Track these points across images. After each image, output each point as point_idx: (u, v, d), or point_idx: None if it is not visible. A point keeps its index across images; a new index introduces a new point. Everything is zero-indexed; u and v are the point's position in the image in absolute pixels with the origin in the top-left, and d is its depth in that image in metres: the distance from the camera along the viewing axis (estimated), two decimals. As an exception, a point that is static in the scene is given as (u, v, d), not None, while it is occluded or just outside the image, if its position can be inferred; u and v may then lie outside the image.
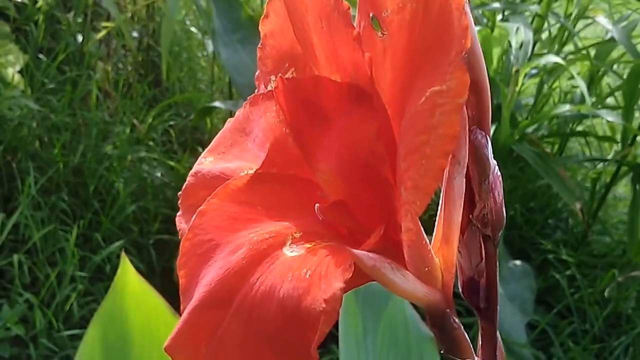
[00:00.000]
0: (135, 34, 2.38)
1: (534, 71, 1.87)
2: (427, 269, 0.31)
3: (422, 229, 0.30)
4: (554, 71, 1.89)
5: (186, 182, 0.36)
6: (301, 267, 0.26)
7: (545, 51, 1.94)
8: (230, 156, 0.35)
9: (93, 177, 1.73)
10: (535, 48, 1.88)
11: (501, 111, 1.66)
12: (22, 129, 1.73)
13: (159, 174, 1.84)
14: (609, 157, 1.85)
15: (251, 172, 0.32)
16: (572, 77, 1.89)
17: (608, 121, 1.83)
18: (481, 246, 0.33)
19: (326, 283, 0.25)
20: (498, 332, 0.36)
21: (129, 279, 0.78)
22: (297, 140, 0.31)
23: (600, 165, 1.90)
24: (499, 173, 0.32)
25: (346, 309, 0.83)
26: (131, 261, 1.69)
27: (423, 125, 0.25)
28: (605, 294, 1.61)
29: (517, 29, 1.71)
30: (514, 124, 1.76)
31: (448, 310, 0.32)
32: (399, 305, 0.79)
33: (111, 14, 2.28)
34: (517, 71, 1.67)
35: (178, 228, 0.36)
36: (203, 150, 0.38)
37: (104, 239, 1.65)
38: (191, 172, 0.36)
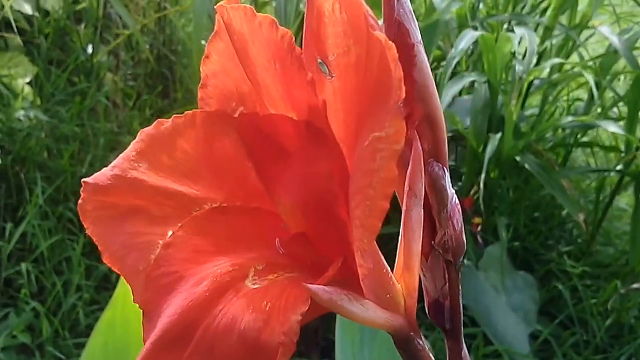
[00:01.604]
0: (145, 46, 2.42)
1: (538, 82, 1.88)
2: (388, 295, 0.32)
3: (381, 257, 0.31)
4: (558, 83, 1.90)
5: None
6: (262, 300, 0.28)
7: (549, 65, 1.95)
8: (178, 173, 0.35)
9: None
10: (541, 60, 1.89)
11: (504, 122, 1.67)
12: (30, 139, 1.76)
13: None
14: (615, 167, 1.85)
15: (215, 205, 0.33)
16: (576, 89, 1.90)
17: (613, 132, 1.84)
18: (444, 270, 0.34)
19: (284, 316, 0.26)
20: (465, 350, 0.36)
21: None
22: (259, 175, 0.32)
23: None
24: (457, 202, 0.34)
25: (344, 320, 0.83)
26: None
27: (366, 168, 0.27)
28: (609, 305, 1.61)
29: (522, 38, 1.72)
30: (519, 135, 1.77)
31: (412, 334, 0.33)
32: None
33: (120, 27, 2.32)
34: (521, 79, 1.68)
35: None
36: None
37: None
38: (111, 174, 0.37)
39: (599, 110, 1.92)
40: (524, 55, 1.69)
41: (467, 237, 1.27)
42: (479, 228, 1.79)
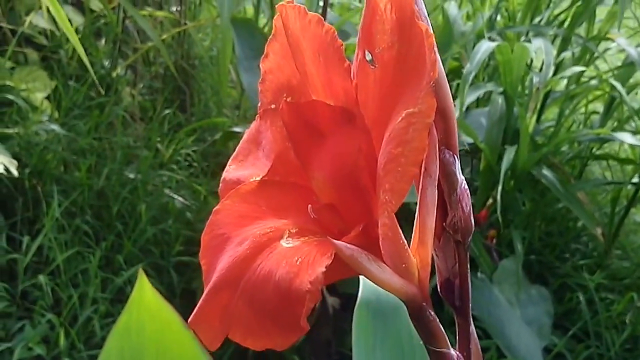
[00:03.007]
0: (160, 58, 2.44)
1: (554, 95, 1.87)
2: (404, 265, 0.36)
3: (401, 232, 0.35)
4: (575, 96, 1.89)
5: (219, 188, 0.43)
6: (294, 256, 0.32)
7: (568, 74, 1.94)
8: (247, 164, 0.42)
9: (116, 200, 1.77)
10: (558, 72, 1.88)
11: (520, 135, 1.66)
12: (48, 152, 1.78)
13: (180, 198, 1.87)
14: (631, 179, 1.84)
15: (258, 179, 0.39)
16: (592, 101, 1.89)
17: (631, 145, 1.82)
18: (454, 251, 0.38)
19: (312, 268, 0.31)
20: (473, 327, 0.40)
21: (146, 294, 0.80)
22: (297, 153, 0.37)
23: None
24: (466, 187, 0.37)
25: (360, 324, 0.85)
26: (151, 283, 1.72)
27: (399, 140, 0.31)
28: (627, 319, 1.60)
29: (538, 49, 1.72)
30: (535, 148, 1.76)
31: (424, 304, 0.37)
32: (406, 322, 0.80)
33: (138, 41, 2.35)
34: (538, 90, 1.67)
35: None
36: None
37: (126, 261, 1.68)
38: (221, 178, 0.43)
39: (615, 123, 1.91)
40: (541, 68, 1.69)
41: (480, 250, 1.27)
42: (494, 241, 1.79)
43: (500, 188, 1.55)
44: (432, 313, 0.37)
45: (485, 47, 1.58)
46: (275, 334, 0.32)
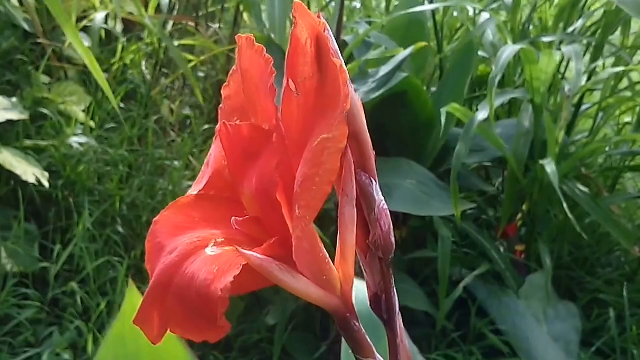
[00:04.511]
0: (200, 74, 2.50)
1: (585, 107, 1.83)
2: (325, 277, 0.38)
3: (321, 246, 0.38)
4: (607, 107, 1.85)
5: None
6: (213, 264, 0.36)
7: (601, 86, 1.90)
8: (198, 183, 0.45)
9: (146, 210, 1.81)
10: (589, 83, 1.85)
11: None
12: (80, 164, 1.83)
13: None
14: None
15: (196, 193, 0.43)
16: (625, 112, 1.84)
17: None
18: (380, 267, 0.40)
19: (224, 277, 0.34)
20: (405, 339, 0.42)
21: (137, 301, 0.82)
22: (230, 170, 0.41)
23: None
24: (385, 207, 0.40)
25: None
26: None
27: (315, 161, 0.35)
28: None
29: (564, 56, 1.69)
30: (565, 159, 1.72)
31: (348, 315, 0.39)
32: None
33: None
34: (568, 98, 1.64)
35: None
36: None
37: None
38: None
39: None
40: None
41: (507, 265, 1.25)
42: (523, 255, 1.75)
43: (526, 202, 1.53)
44: (358, 324, 0.39)
45: (510, 50, 1.56)
46: (204, 329, 0.36)
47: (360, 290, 0.42)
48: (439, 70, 1.98)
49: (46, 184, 1.67)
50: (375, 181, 0.40)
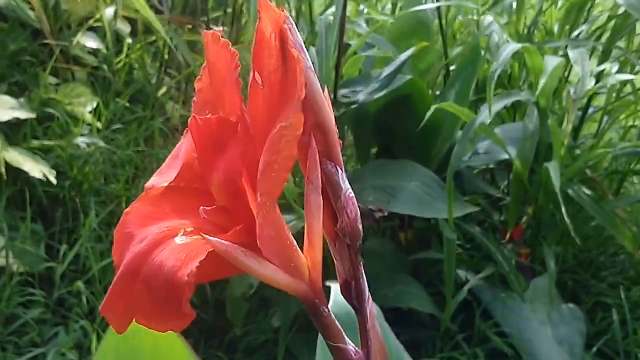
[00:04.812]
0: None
1: (591, 110, 1.83)
2: (292, 264, 0.39)
3: (288, 233, 0.39)
4: (613, 110, 1.85)
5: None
6: (181, 251, 0.37)
7: (606, 90, 1.90)
8: (164, 173, 0.46)
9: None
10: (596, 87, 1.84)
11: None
12: (87, 165, 1.84)
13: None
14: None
15: (166, 184, 0.44)
16: (629, 115, 1.84)
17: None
18: (349, 254, 0.41)
19: (190, 263, 0.36)
20: (376, 324, 0.42)
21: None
22: (199, 162, 0.42)
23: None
24: (351, 194, 0.40)
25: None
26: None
27: (273, 149, 0.36)
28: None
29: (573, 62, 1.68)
30: (571, 162, 1.72)
31: (317, 301, 0.40)
32: (384, 335, 0.80)
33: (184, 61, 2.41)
34: (574, 101, 1.64)
35: None
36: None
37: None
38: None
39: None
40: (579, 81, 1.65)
41: (511, 268, 1.25)
42: (528, 259, 1.75)
43: (531, 205, 1.53)
44: (327, 309, 0.40)
45: (511, 47, 1.56)
46: (169, 317, 0.37)
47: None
48: (444, 74, 1.98)
49: (54, 180, 1.68)
50: (342, 170, 0.41)
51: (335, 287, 0.74)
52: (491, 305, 1.64)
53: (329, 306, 0.68)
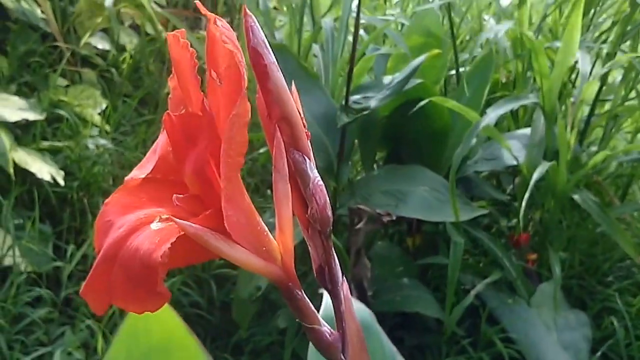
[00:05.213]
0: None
1: (598, 115, 1.84)
2: (264, 248, 0.41)
3: (258, 217, 0.41)
4: (617, 115, 1.85)
5: None
6: (155, 236, 0.39)
7: (612, 95, 1.90)
8: (142, 167, 0.48)
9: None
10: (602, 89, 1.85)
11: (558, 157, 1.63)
12: (95, 165, 1.85)
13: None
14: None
15: (143, 176, 0.47)
16: (636, 121, 1.85)
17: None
18: (321, 240, 0.43)
19: (164, 244, 0.38)
20: (351, 307, 0.44)
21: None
22: (174, 154, 0.44)
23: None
24: (320, 182, 0.42)
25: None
26: (191, 295, 1.76)
27: (227, 137, 0.38)
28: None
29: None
30: (578, 167, 1.73)
31: (291, 284, 0.42)
32: (377, 339, 0.81)
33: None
34: (574, 104, 1.64)
35: None
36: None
37: (167, 273, 1.72)
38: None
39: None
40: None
41: (518, 273, 1.25)
42: (534, 264, 1.75)
43: (539, 210, 1.53)
44: (300, 292, 0.42)
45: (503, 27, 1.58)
46: (145, 298, 0.39)
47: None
48: (456, 81, 1.99)
49: (61, 181, 1.69)
50: (310, 159, 0.42)
51: (327, 296, 0.74)
52: (498, 310, 1.64)
53: (320, 312, 0.70)
